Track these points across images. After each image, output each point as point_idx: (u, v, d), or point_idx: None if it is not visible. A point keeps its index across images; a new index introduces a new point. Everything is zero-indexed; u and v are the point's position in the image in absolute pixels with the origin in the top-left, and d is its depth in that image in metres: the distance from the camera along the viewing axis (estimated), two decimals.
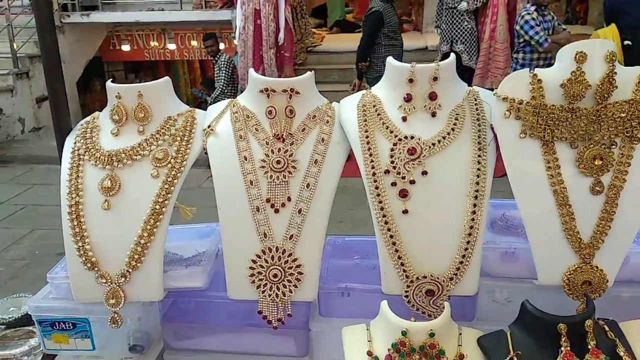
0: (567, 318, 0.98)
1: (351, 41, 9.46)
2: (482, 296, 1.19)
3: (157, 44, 10.50)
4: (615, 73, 1.02)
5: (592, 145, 1.05)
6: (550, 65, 1.06)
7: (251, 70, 1.25)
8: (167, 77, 1.29)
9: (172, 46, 10.37)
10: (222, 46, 8.71)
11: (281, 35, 7.26)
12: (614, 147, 1.05)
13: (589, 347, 0.97)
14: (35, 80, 8.05)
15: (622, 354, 0.99)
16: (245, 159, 1.17)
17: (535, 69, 1.08)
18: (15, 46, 7.61)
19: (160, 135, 1.21)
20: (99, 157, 1.18)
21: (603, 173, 1.05)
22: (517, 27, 5.53)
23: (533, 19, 5.34)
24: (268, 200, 1.14)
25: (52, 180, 1.38)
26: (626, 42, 4.63)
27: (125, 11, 9.14)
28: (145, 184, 1.16)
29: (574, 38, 6.06)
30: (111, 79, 1.27)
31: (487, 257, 1.17)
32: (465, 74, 6.42)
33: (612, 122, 1.04)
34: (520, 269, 1.15)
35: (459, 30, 6.54)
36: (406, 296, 1.13)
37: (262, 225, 1.14)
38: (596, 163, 1.05)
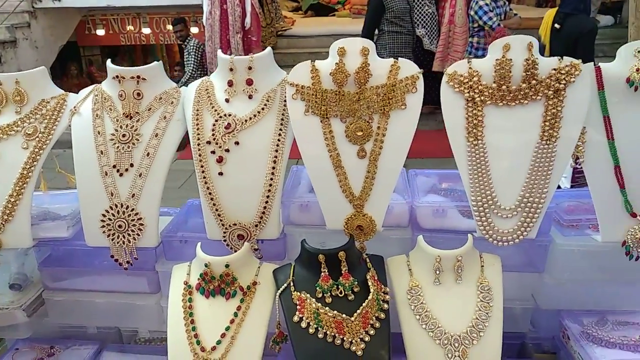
0: (326, 250, 1.29)
1: (322, 25, 9.66)
2: (292, 240, 1.50)
3: (132, 28, 10.60)
4: (369, 64, 1.32)
5: (355, 120, 1.35)
6: None
7: (108, 61, 1.53)
8: (43, 67, 1.57)
9: (147, 30, 10.48)
10: (195, 30, 8.88)
11: (247, 19, 7.42)
12: (372, 121, 1.35)
13: (342, 272, 1.28)
14: (8, 66, 8.18)
15: (368, 277, 1.30)
16: (99, 133, 1.46)
17: (316, 61, 1.37)
18: None
19: (33, 115, 1.50)
20: None
21: (365, 142, 1.36)
22: (472, 13, 5.78)
23: (487, 4, 5.59)
24: (114, 166, 1.44)
25: None
26: (556, 25, 4.92)
27: None
28: (16, 154, 1.45)
29: (525, 22, 6.34)
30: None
31: (290, 209, 1.48)
32: (427, 57, 6.67)
33: (369, 102, 1.34)
34: (315, 218, 1.45)
35: (420, 15, 6.71)
36: (224, 240, 1.44)
37: (109, 186, 1.44)
38: (359, 134, 1.35)
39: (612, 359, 1.31)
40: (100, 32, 10.53)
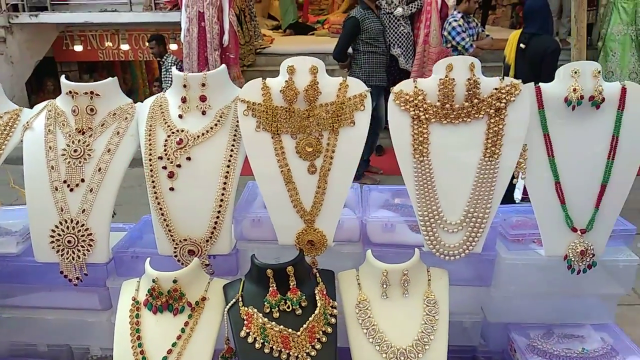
0: (275, 265, 1.30)
1: (301, 43, 9.78)
2: (245, 256, 1.50)
3: (111, 44, 10.56)
4: (318, 82, 1.35)
5: (306, 137, 1.38)
6: None
7: (62, 77, 1.53)
8: None
9: (125, 47, 10.45)
10: (174, 47, 8.92)
11: (225, 37, 7.47)
12: (321, 138, 1.38)
13: (290, 287, 1.29)
14: None
15: (317, 292, 1.31)
16: (50, 148, 1.46)
17: (267, 79, 1.40)
18: None
19: None
20: None
21: (315, 158, 1.38)
22: (445, 33, 5.92)
23: (459, 25, 5.74)
24: (65, 182, 1.43)
25: None
26: (521, 45, 5.07)
27: (75, 12, 9.22)
28: None
29: (498, 43, 6.52)
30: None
31: (242, 225, 1.49)
32: (402, 76, 6.78)
33: (319, 119, 1.37)
34: (267, 233, 1.46)
35: (395, 35, 6.83)
36: (175, 256, 1.44)
37: (59, 201, 1.43)
38: (309, 150, 1.37)
39: None
40: (78, 47, 10.47)
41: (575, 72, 1.34)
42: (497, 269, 1.46)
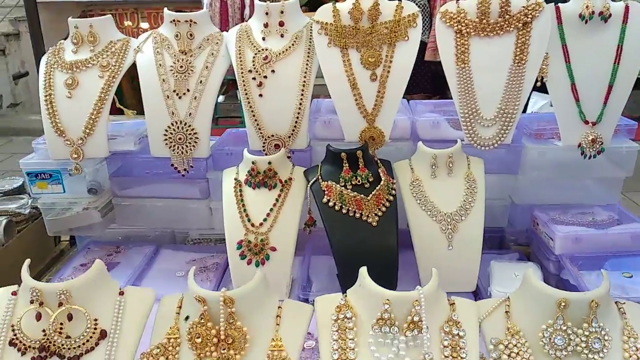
0: (347, 149, 1.64)
1: None
2: (316, 153, 1.85)
3: (130, 23, 10.79)
4: (379, 4, 1.68)
5: (368, 50, 1.71)
6: None
7: (165, 9, 1.88)
8: (109, 16, 1.92)
9: (145, 25, 10.70)
10: None
11: (247, 11, 7.70)
12: (381, 51, 1.71)
13: (360, 166, 1.64)
14: (12, 58, 8.38)
15: (380, 172, 1.66)
16: (160, 65, 1.81)
17: (337, 3, 1.73)
18: None
19: (105, 52, 1.84)
20: (64, 65, 1.81)
21: (376, 67, 1.72)
22: None
23: None
24: (174, 91, 1.79)
25: (31, 150, 1.96)
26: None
27: None
28: (94, 82, 1.80)
29: None
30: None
31: (315, 125, 1.84)
32: (419, 48, 7.00)
33: (379, 35, 1.70)
34: (336, 133, 1.81)
35: None
36: (263, 149, 1.79)
37: (170, 107, 1.79)
38: (371, 60, 1.71)
39: (568, 230, 1.69)
40: None
41: None
42: (523, 158, 1.80)
